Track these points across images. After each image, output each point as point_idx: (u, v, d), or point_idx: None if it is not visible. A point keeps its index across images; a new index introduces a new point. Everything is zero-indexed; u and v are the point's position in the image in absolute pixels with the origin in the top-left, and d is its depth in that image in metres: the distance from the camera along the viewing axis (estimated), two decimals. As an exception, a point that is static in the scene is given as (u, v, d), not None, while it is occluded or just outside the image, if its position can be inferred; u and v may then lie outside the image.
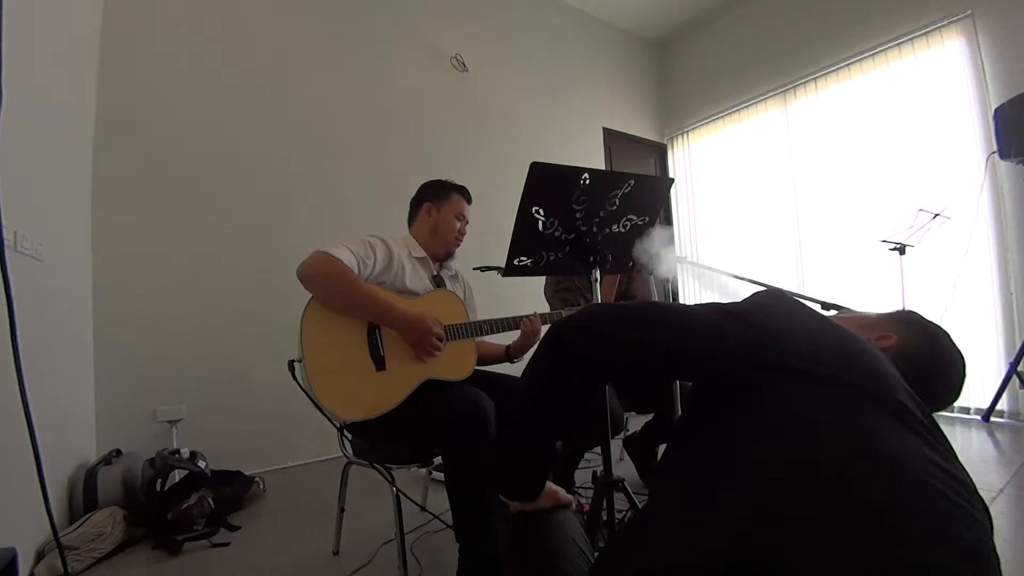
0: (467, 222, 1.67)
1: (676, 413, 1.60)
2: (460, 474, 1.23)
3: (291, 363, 1.28)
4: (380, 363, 1.32)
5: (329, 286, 1.30)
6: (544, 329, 1.57)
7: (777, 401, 0.50)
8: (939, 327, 0.67)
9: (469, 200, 1.68)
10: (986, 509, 0.46)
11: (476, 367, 1.65)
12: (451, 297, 1.55)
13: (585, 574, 0.64)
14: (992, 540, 0.44)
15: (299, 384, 1.24)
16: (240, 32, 2.66)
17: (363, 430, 1.38)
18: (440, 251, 1.63)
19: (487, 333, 1.50)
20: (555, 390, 0.65)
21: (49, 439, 1.28)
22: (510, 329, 1.54)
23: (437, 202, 1.63)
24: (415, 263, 1.54)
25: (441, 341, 1.37)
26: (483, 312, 1.62)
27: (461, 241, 1.66)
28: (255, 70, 2.68)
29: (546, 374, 0.65)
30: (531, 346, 1.59)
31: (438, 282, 1.60)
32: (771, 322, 0.56)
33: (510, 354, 1.66)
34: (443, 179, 1.68)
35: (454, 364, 1.43)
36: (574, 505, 0.81)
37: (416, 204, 1.67)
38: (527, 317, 1.56)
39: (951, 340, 0.66)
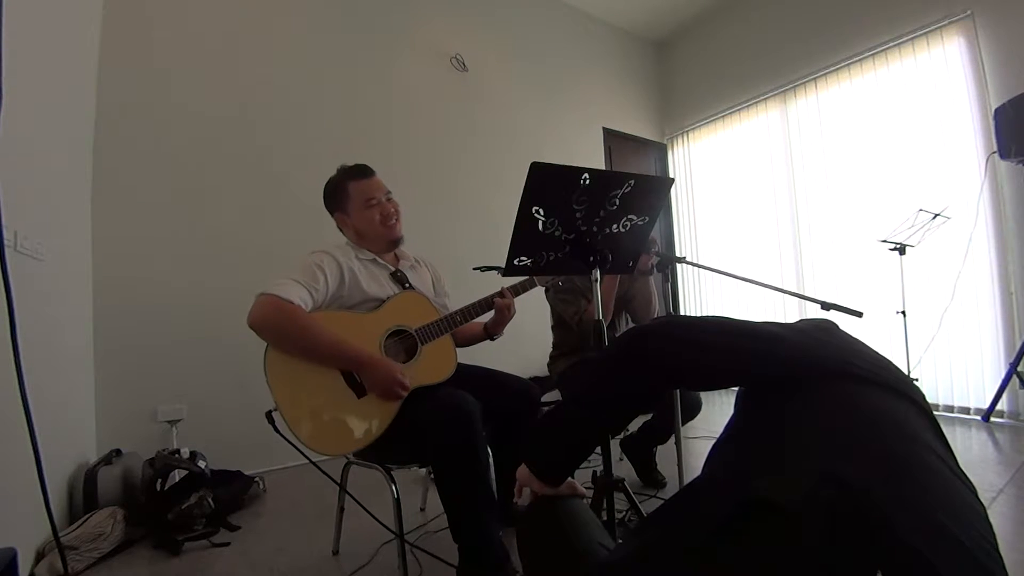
0: (387, 194, 1.51)
1: (675, 413, 1.60)
2: (452, 479, 1.22)
3: (269, 414, 1.21)
4: (359, 390, 1.28)
5: (283, 337, 1.23)
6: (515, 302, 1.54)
7: (838, 395, 0.57)
8: None
9: (368, 175, 1.51)
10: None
11: (479, 361, 1.63)
12: (415, 298, 1.47)
13: (599, 547, 0.67)
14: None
15: (282, 436, 1.19)
16: (239, 33, 2.66)
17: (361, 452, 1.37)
18: (381, 245, 1.52)
19: (460, 324, 1.46)
20: (628, 389, 0.68)
21: (49, 439, 1.28)
22: (484, 311, 1.51)
23: (341, 207, 1.51)
24: (367, 266, 1.47)
25: (406, 390, 1.30)
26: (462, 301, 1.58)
27: (395, 220, 1.51)
28: (255, 71, 2.68)
29: (622, 373, 0.67)
30: (506, 322, 1.56)
31: (398, 278, 1.51)
32: (827, 336, 0.64)
33: (488, 332, 1.60)
34: (333, 176, 1.54)
35: (435, 367, 1.39)
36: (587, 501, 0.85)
37: (332, 217, 1.56)
38: (497, 294, 1.52)
39: None
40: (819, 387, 0.58)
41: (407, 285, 1.51)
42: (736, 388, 0.68)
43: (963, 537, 0.44)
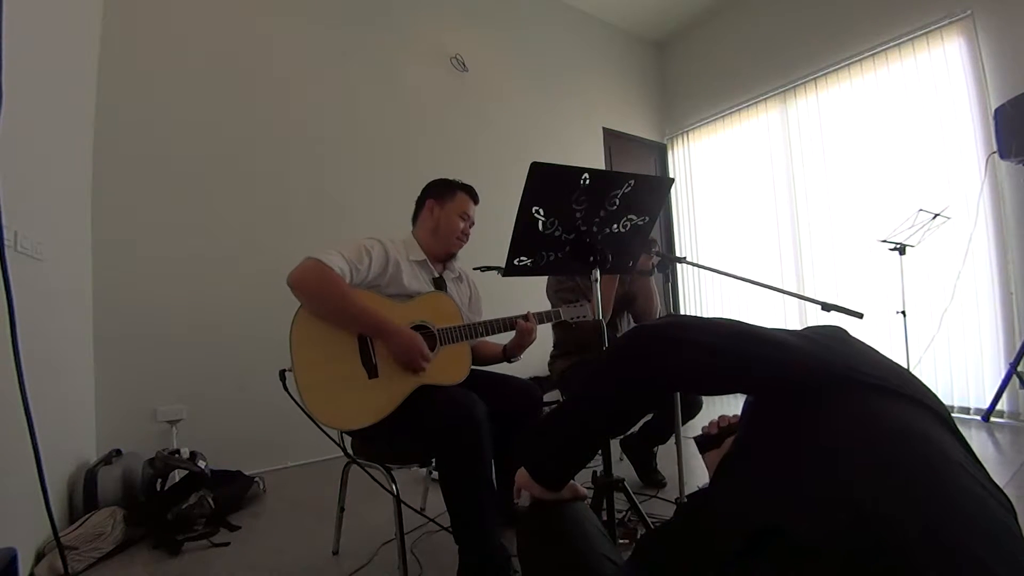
0: (472, 223, 1.64)
1: (675, 414, 1.60)
2: (456, 478, 1.23)
3: (282, 373, 1.26)
4: (372, 371, 1.31)
5: (318, 296, 1.28)
6: (537, 329, 1.55)
7: (850, 407, 0.54)
8: None
9: (476, 200, 1.65)
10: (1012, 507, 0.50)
11: (473, 366, 1.64)
12: (445, 300, 1.52)
13: (604, 558, 0.65)
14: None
15: (290, 395, 1.23)
16: (240, 33, 2.66)
17: (360, 434, 1.38)
18: (441, 251, 1.60)
19: (481, 335, 1.47)
20: (630, 390, 0.65)
21: (49, 439, 1.28)
22: (506, 330, 1.52)
23: (441, 200, 1.60)
24: (414, 266, 1.51)
25: (427, 361, 1.34)
26: (486, 313, 1.61)
27: (464, 242, 1.63)
28: (255, 71, 2.68)
29: (625, 374, 0.65)
30: (527, 345, 1.58)
31: (439, 285, 1.56)
32: (838, 344, 0.61)
33: (507, 354, 1.63)
34: (450, 179, 1.66)
35: (447, 369, 1.41)
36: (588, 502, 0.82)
37: (420, 202, 1.65)
38: (522, 317, 1.54)
39: None
40: (832, 399, 0.54)
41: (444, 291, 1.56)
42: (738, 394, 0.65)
43: (1002, 572, 0.40)
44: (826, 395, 0.55)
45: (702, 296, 4.55)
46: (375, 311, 1.32)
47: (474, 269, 2.00)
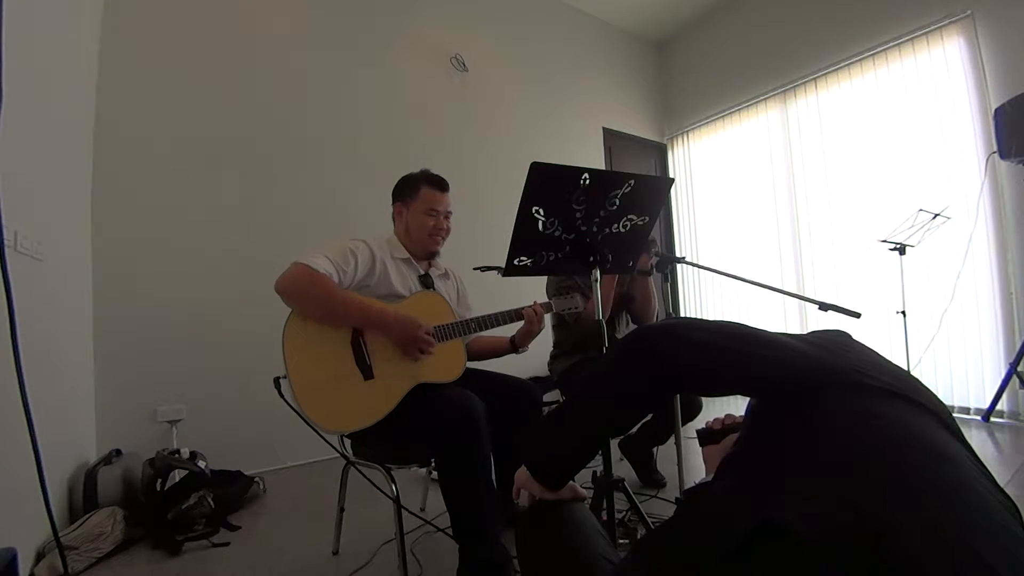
0: (446, 215, 1.57)
1: (675, 414, 1.60)
2: (455, 478, 1.23)
3: (276, 380, 1.24)
4: (367, 372, 1.30)
5: (307, 297, 1.28)
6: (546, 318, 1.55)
7: (851, 408, 0.54)
8: None
9: (443, 189, 1.57)
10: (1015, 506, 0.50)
11: (479, 362, 1.63)
12: (435, 298, 1.52)
13: (603, 558, 0.65)
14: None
15: (287, 402, 1.22)
16: (240, 32, 2.66)
17: (358, 435, 1.38)
18: (419, 251, 1.57)
19: (475, 331, 1.47)
20: (633, 390, 0.66)
21: (49, 439, 1.28)
22: (502, 324, 1.51)
23: (405, 201, 1.57)
24: (399, 265, 1.51)
25: (431, 336, 1.34)
26: (481, 312, 1.60)
27: (441, 238, 1.57)
28: (255, 70, 2.68)
29: (628, 373, 0.65)
30: (535, 334, 1.56)
31: (426, 282, 1.56)
32: (839, 347, 0.62)
33: (515, 344, 1.61)
34: (415, 172, 1.59)
35: (443, 366, 1.41)
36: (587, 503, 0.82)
37: (392, 204, 1.63)
38: (529, 306, 1.53)
39: None
40: (834, 400, 0.55)
41: (432, 289, 1.56)
42: (741, 396, 0.66)
43: (1003, 571, 0.40)
44: (827, 396, 0.55)
45: (702, 296, 4.55)
46: (367, 303, 1.31)
47: (474, 269, 2.00)
